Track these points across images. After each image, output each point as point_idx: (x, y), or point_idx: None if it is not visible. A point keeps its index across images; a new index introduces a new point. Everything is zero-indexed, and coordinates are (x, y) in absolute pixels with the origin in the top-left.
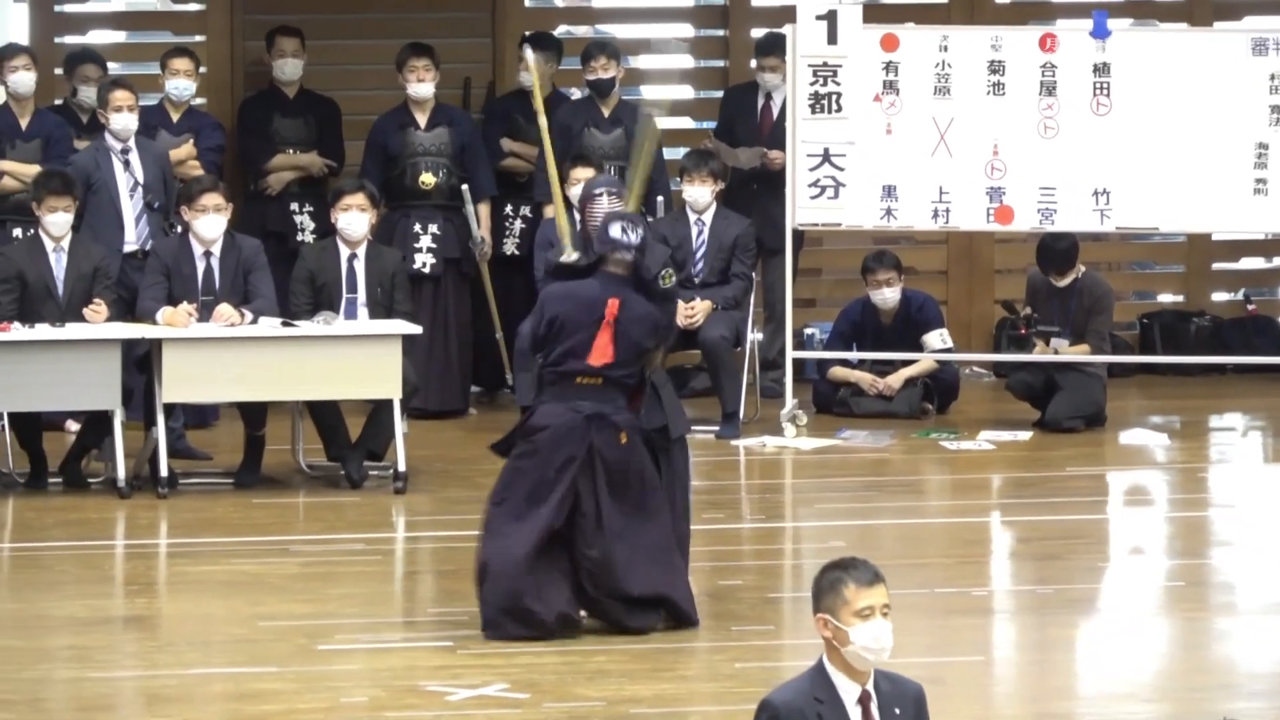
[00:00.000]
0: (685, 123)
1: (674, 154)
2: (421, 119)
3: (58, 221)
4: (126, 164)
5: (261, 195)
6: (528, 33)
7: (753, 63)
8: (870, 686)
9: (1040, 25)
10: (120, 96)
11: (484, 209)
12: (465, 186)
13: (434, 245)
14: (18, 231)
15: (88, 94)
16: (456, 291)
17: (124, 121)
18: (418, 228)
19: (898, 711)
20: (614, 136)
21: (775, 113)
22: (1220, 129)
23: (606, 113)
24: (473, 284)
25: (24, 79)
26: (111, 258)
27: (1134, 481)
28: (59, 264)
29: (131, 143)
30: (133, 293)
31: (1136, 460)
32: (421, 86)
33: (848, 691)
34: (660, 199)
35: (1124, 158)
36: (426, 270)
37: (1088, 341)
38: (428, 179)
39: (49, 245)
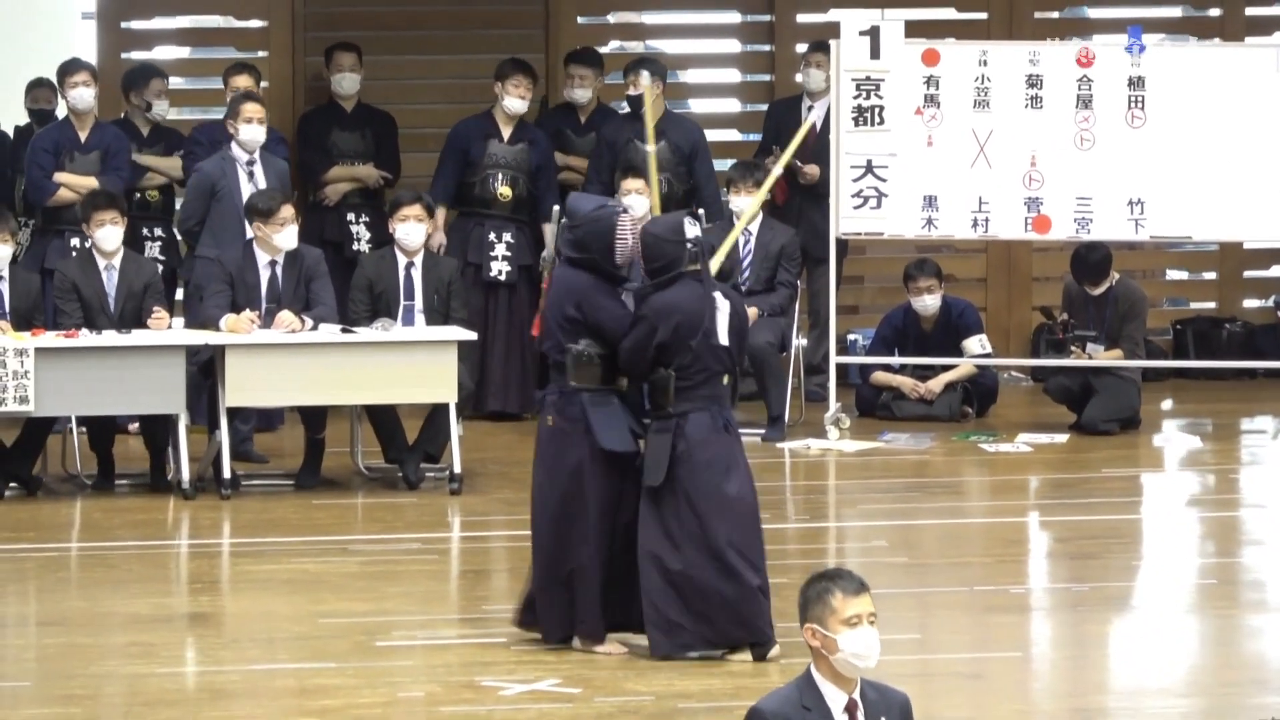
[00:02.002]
0: (732, 135)
1: (722, 165)
2: (506, 132)
3: (107, 236)
4: (251, 175)
5: (319, 205)
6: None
7: (800, 69)
8: (857, 695)
9: (1077, 41)
10: (250, 109)
11: (550, 228)
12: (556, 208)
13: (509, 253)
14: (75, 241)
15: (161, 108)
16: (530, 298)
17: (252, 133)
18: (492, 236)
19: (883, 719)
20: (658, 148)
21: (819, 125)
22: (1251, 141)
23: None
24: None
25: (84, 94)
26: (198, 272)
27: (1167, 483)
28: (110, 281)
29: (256, 154)
30: None
31: (1170, 462)
32: (518, 103)
33: (835, 700)
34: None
35: (1158, 169)
36: (502, 278)
37: (1122, 347)
38: (505, 191)
39: (101, 263)
